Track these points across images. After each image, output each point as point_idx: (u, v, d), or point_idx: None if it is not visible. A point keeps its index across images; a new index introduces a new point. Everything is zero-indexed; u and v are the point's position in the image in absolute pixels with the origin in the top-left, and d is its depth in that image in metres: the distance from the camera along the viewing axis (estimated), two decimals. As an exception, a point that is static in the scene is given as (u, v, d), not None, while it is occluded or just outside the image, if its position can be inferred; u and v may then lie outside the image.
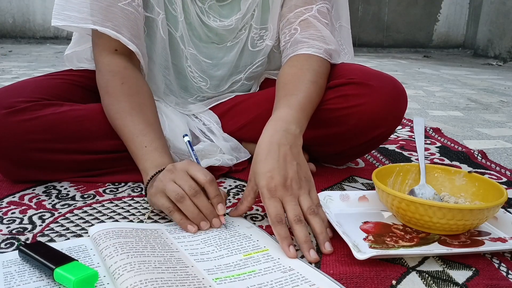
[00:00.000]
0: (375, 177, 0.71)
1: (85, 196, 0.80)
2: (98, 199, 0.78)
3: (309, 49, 0.84)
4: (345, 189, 0.86)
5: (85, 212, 0.73)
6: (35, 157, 0.79)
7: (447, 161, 1.09)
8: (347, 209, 0.74)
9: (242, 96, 1.00)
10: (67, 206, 0.75)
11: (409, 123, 1.48)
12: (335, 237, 0.64)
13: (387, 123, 0.86)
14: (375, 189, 0.73)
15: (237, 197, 0.81)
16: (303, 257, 0.60)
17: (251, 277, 0.54)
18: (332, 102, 0.85)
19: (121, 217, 0.72)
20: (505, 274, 0.58)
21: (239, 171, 0.94)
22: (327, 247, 0.61)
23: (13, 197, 0.78)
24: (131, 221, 0.70)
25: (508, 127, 1.52)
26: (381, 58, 4.08)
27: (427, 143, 1.24)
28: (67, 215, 0.72)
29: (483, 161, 1.10)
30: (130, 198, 0.79)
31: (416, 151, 0.86)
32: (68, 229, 0.67)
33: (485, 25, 4.21)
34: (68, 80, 0.91)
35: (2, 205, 0.75)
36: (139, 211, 0.74)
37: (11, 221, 0.69)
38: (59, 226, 0.68)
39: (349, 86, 0.85)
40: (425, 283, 0.56)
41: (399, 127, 1.42)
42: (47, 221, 0.70)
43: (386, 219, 0.71)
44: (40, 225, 0.68)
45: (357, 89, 0.84)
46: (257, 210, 0.75)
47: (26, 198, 0.78)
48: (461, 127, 1.49)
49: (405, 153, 1.14)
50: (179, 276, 0.52)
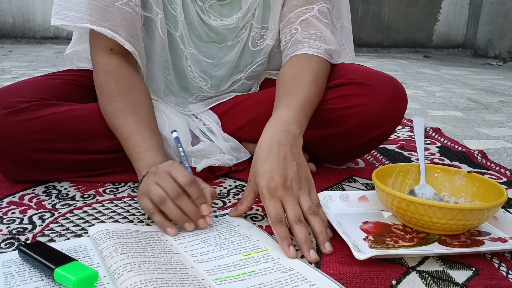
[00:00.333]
0: (375, 177, 0.71)
1: (85, 196, 0.80)
2: (98, 199, 0.78)
3: (310, 49, 0.84)
4: (345, 189, 0.86)
5: (85, 212, 0.73)
6: (35, 157, 0.79)
7: (447, 161, 1.09)
8: (347, 209, 0.74)
9: (242, 96, 1.00)
10: (67, 206, 0.75)
11: (409, 123, 1.48)
12: (335, 237, 0.64)
13: (387, 123, 0.86)
14: (375, 189, 0.73)
15: (237, 197, 0.81)
16: (303, 257, 0.60)
17: (251, 277, 0.54)
18: (332, 102, 0.85)
19: (121, 217, 0.72)
20: (505, 274, 0.58)
21: (239, 171, 0.94)
22: (327, 247, 0.61)
23: (13, 197, 0.78)
24: (131, 221, 0.71)
25: (508, 127, 1.52)
26: (381, 58, 4.08)
27: (427, 143, 1.24)
28: (67, 215, 0.72)
29: (483, 161, 1.10)
30: (130, 198, 0.79)
31: (416, 151, 0.86)
32: (68, 229, 0.67)
33: (485, 25, 4.21)
34: (68, 80, 0.91)
35: (2, 205, 0.75)
36: (139, 211, 0.74)
37: (11, 221, 0.69)
38: (59, 226, 0.68)
39: (349, 86, 0.85)
40: (425, 283, 0.56)
41: (399, 127, 1.42)
42: (47, 221, 0.70)
43: (386, 219, 0.71)
44: (40, 225, 0.68)
45: (357, 89, 0.84)
46: (257, 210, 0.75)
47: (26, 198, 0.78)
48: (461, 127, 1.49)
49: (405, 153, 1.14)
50: (179, 276, 0.52)
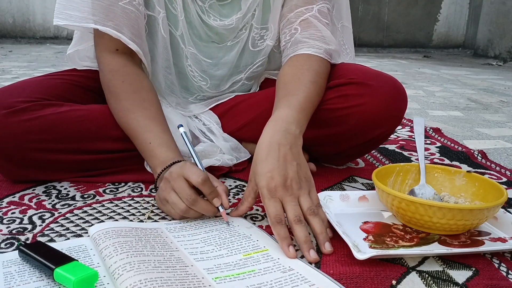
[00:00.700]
0: (375, 177, 0.71)
1: (85, 196, 0.80)
2: (98, 199, 0.78)
3: (309, 49, 0.84)
4: (345, 189, 0.86)
5: (85, 212, 0.73)
6: (35, 157, 0.79)
7: (447, 161, 1.09)
8: (347, 209, 0.74)
9: (242, 96, 1.00)
10: (67, 206, 0.75)
11: (409, 123, 1.48)
12: (335, 237, 0.64)
13: (387, 123, 0.86)
14: (375, 189, 0.73)
15: (237, 197, 0.81)
16: (303, 257, 0.60)
17: (251, 277, 0.54)
18: (332, 102, 0.85)
19: (121, 217, 0.72)
20: (505, 274, 0.58)
21: (239, 171, 0.94)
22: (327, 247, 0.61)
23: (13, 197, 0.78)
24: (131, 221, 0.71)
25: (508, 127, 1.52)
26: (381, 58, 4.08)
27: (427, 143, 1.24)
28: (67, 215, 0.72)
29: (483, 161, 1.10)
30: (130, 198, 0.79)
31: (416, 151, 0.86)
32: (68, 229, 0.67)
33: (485, 25, 4.21)
34: (68, 80, 0.91)
35: (2, 205, 0.75)
36: (139, 211, 0.74)
37: (11, 221, 0.69)
38: (59, 226, 0.68)
39: (349, 86, 0.85)
40: (425, 283, 0.56)
41: (399, 127, 1.42)
42: (47, 221, 0.70)
43: (386, 219, 0.71)
44: (40, 225, 0.68)
45: (357, 89, 0.84)
46: (257, 210, 0.75)
47: (26, 198, 0.78)
48: (461, 127, 1.49)
49: (405, 153, 1.14)
50: (178, 275, 0.52)
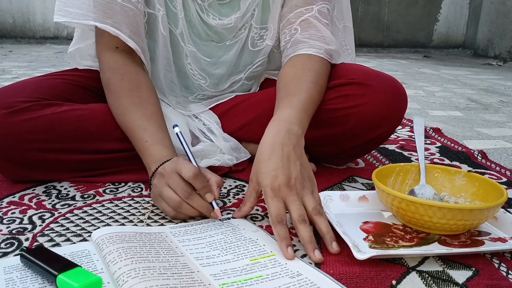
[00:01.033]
0: (375, 177, 0.71)
1: (85, 196, 0.80)
2: (98, 199, 0.78)
3: (310, 49, 0.84)
4: (345, 189, 0.86)
5: (85, 212, 0.73)
6: (35, 157, 0.79)
7: (447, 161, 1.09)
8: (347, 209, 0.74)
9: (242, 96, 1.00)
10: (67, 206, 0.75)
11: (409, 123, 1.48)
12: (335, 237, 0.64)
13: (387, 123, 0.86)
14: (375, 189, 0.73)
15: (237, 197, 0.81)
16: (303, 257, 0.60)
17: (259, 283, 0.53)
18: (332, 102, 0.85)
19: (121, 217, 0.72)
20: (505, 274, 0.58)
21: (239, 171, 0.94)
22: (335, 247, 0.61)
23: (13, 197, 0.78)
24: (131, 221, 0.71)
25: (508, 127, 1.52)
26: (381, 58, 4.08)
27: (427, 143, 1.24)
28: (67, 215, 0.72)
29: (483, 161, 1.10)
30: (130, 198, 0.79)
31: (416, 151, 0.86)
32: (68, 229, 0.67)
33: (485, 25, 4.21)
34: (68, 80, 0.92)
35: (2, 205, 0.75)
36: (139, 211, 0.74)
37: (11, 221, 0.69)
38: (59, 226, 0.68)
39: (349, 86, 0.85)
40: (425, 283, 0.56)
41: (399, 127, 1.42)
42: (47, 221, 0.70)
43: (386, 219, 0.71)
44: (40, 225, 0.68)
45: (357, 89, 0.84)
46: (257, 210, 0.75)
47: (26, 198, 0.78)
48: (461, 127, 1.49)
49: (405, 153, 1.14)
50: (185, 282, 0.51)
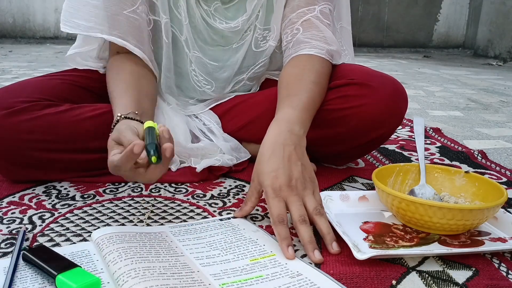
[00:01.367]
0: (375, 177, 0.71)
1: (85, 196, 0.80)
2: (98, 199, 0.78)
3: (311, 49, 0.84)
4: (345, 189, 0.86)
5: (85, 212, 0.73)
6: (35, 157, 0.79)
7: (447, 161, 1.09)
8: (347, 209, 0.74)
9: (242, 96, 1.00)
10: (67, 206, 0.75)
11: (409, 123, 1.48)
12: (335, 237, 0.64)
13: (387, 124, 0.86)
14: (375, 189, 0.73)
15: (237, 197, 0.81)
16: (303, 257, 0.60)
17: (259, 283, 0.53)
18: (332, 102, 0.85)
19: (121, 217, 0.72)
20: (505, 274, 0.58)
21: (239, 171, 0.94)
22: (335, 247, 0.61)
23: (13, 197, 0.78)
24: (131, 221, 0.71)
25: (508, 127, 1.52)
26: (381, 58, 4.08)
27: (427, 143, 1.24)
28: (67, 215, 0.72)
29: (483, 161, 1.10)
30: (130, 198, 0.79)
31: (416, 151, 0.86)
32: (68, 229, 0.67)
33: (485, 25, 4.21)
34: (68, 80, 0.92)
35: (2, 205, 0.75)
36: (139, 211, 0.74)
37: (11, 221, 0.69)
38: (59, 226, 0.68)
39: (349, 86, 0.85)
40: (425, 283, 0.56)
41: (399, 127, 1.42)
42: (47, 221, 0.70)
43: (386, 219, 0.71)
44: (40, 225, 0.68)
45: (357, 89, 0.84)
46: (257, 210, 0.75)
47: (26, 198, 0.78)
48: (461, 127, 1.49)
49: (405, 153, 1.14)
50: (185, 282, 0.51)
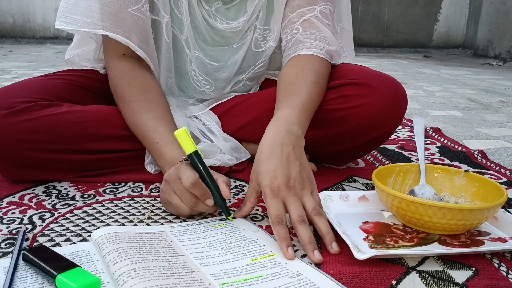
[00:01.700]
0: (375, 177, 0.71)
1: (85, 196, 0.80)
2: (98, 199, 0.78)
3: (311, 49, 0.84)
4: (345, 189, 0.86)
5: (85, 212, 0.73)
6: (35, 157, 0.79)
7: (447, 161, 1.09)
8: (347, 209, 0.74)
9: (242, 96, 1.00)
10: (67, 206, 0.75)
11: (409, 123, 1.48)
12: (335, 237, 0.64)
13: (387, 124, 0.86)
14: (375, 189, 0.73)
15: (237, 197, 0.81)
16: (302, 257, 0.60)
17: (259, 283, 0.53)
18: (332, 102, 0.85)
19: (121, 217, 0.72)
20: (505, 274, 0.58)
21: (239, 171, 0.94)
22: (334, 247, 0.61)
23: (13, 197, 0.78)
24: (131, 221, 0.71)
25: (508, 127, 1.52)
26: (381, 58, 4.08)
27: (427, 143, 1.24)
28: (67, 215, 0.72)
29: (483, 161, 1.10)
30: (130, 198, 0.79)
31: (416, 151, 0.86)
32: (68, 229, 0.67)
33: (485, 25, 4.21)
34: (68, 80, 0.91)
35: (2, 205, 0.75)
36: (139, 211, 0.74)
37: (11, 221, 0.69)
38: (59, 226, 0.68)
39: (349, 86, 0.85)
40: (425, 283, 0.56)
41: (399, 127, 1.42)
42: (47, 221, 0.70)
43: (386, 219, 0.71)
44: (40, 225, 0.68)
45: (357, 89, 0.84)
46: (257, 210, 0.75)
47: (26, 198, 0.78)
48: (461, 127, 1.49)
49: (405, 153, 1.14)
50: (185, 282, 0.51)
